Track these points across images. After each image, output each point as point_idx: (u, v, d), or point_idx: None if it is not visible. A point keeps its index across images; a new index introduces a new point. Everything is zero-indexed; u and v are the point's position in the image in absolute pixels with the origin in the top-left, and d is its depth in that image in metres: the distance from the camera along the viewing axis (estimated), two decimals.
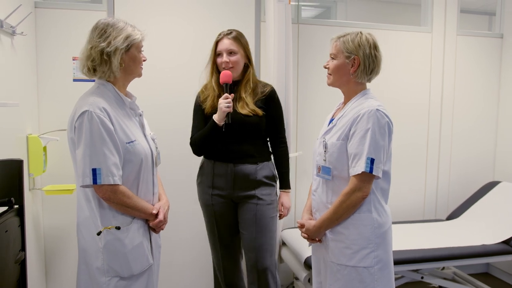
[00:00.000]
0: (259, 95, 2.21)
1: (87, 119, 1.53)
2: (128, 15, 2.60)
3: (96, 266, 1.61)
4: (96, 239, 1.61)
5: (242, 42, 2.21)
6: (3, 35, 2.10)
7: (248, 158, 2.20)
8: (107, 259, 1.61)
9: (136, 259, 1.65)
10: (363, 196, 1.65)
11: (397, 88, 3.37)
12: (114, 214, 1.62)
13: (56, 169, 2.71)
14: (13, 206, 1.87)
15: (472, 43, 3.53)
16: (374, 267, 1.68)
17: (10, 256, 1.82)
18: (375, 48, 1.73)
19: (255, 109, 2.16)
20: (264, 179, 2.22)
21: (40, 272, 2.70)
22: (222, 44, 2.18)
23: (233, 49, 2.17)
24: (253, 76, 2.25)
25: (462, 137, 3.57)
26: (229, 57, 2.16)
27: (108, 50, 1.58)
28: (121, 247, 1.61)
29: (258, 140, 2.24)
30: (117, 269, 1.61)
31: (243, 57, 2.21)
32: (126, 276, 1.63)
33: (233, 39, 2.18)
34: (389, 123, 1.67)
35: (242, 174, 2.19)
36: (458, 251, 2.70)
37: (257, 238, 2.21)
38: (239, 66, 2.19)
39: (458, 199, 3.56)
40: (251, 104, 2.17)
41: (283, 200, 2.31)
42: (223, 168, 2.21)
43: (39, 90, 2.69)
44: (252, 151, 2.21)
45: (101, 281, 1.61)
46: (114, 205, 1.61)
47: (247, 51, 2.23)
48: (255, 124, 2.18)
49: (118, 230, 1.61)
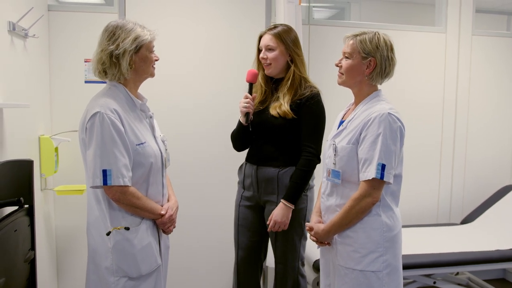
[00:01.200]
0: (297, 97, 2.07)
1: (98, 121, 1.55)
2: (139, 16, 2.62)
3: (105, 266, 1.63)
4: (106, 239, 1.62)
5: (285, 38, 2.08)
6: (16, 38, 2.14)
7: (271, 161, 2.12)
8: (116, 259, 1.62)
9: (145, 260, 1.66)
10: (373, 202, 1.61)
11: (411, 88, 3.32)
12: (124, 215, 1.64)
13: (67, 169, 2.75)
14: (23, 206, 1.90)
15: (488, 43, 3.46)
16: (382, 272, 1.64)
17: (19, 255, 1.84)
18: (392, 51, 1.68)
19: (286, 111, 2.03)
20: (285, 184, 2.09)
21: (51, 271, 2.74)
22: (263, 40, 2.11)
23: (272, 45, 2.07)
24: (298, 75, 2.10)
25: (477, 139, 3.50)
26: (267, 53, 2.08)
27: (117, 53, 1.60)
28: (130, 247, 1.62)
29: (284, 143, 2.10)
30: (125, 269, 1.63)
31: (284, 55, 2.09)
32: (135, 276, 1.64)
33: (273, 35, 2.08)
34: (401, 128, 1.63)
35: (264, 177, 2.13)
36: (472, 256, 2.64)
37: (278, 246, 2.16)
38: (277, 63, 2.09)
39: (473, 202, 3.48)
40: (284, 106, 2.04)
41: (275, 212, 2.04)
42: (250, 169, 2.18)
43: (52, 91, 2.73)
44: (276, 154, 2.11)
45: (109, 281, 1.62)
46: (124, 206, 1.62)
47: (290, 49, 2.09)
48: (279, 126, 2.07)
49: (127, 231, 1.63)
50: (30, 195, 1.95)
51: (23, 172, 1.93)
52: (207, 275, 3.01)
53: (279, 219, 2.04)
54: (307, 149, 2.06)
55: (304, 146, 2.07)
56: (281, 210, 2.04)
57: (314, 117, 2.08)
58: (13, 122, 2.08)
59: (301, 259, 2.23)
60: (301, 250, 2.20)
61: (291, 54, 2.10)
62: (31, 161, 1.97)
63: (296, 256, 2.19)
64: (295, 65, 2.10)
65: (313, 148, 2.06)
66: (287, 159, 2.10)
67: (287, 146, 2.11)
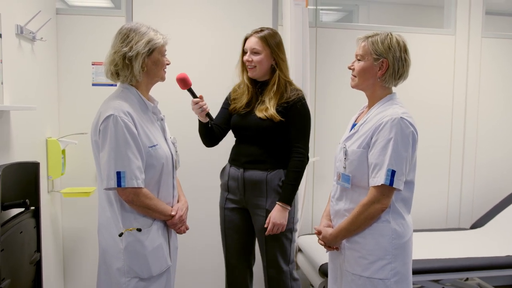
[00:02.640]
0: (283, 100, 2.09)
1: (112, 123, 1.56)
2: (147, 20, 2.60)
3: (117, 267, 1.64)
4: (117, 241, 1.64)
5: (270, 42, 2.09)
6: (23, 41, 2.15)
7: (258, 163, 2.13)
8: (128, 260, 1.64)
9: (156, 261, 1.68)
10: (382, 208, 1.58)
11: (420, 91, 3.29)
12: (136, 216, 1.65)
13: (74, 172, 2.76)
14: (29, 208, 1.91)
15: (498, 45, 3.42)
16: (390, 280, 1.60)
17: (25, 256, 1.85)
18: (405, 52, 1.64)
19: (272, 114, 2.06)
20: (273, 186, 2.11)
21: (58, 273, 2.75)
22: (249, 42, 2.12)
23: (257, 49, 2.08)
24: (283, 79, 2.12)
25: (487, 142, 3.45)
26: (252, 56, 2.10)
27: (130, 55, 1.62)
28: (142, 248, 1.64)
29: (272, 146, 2.13)
30: (137, 270, 1.64)
31: (268, 59, 2.10)
32: (146, 277, 1.66)
33: (260, 38, 2.09)
34: (414, 133, 1.58)
35: (251, 180, 2.13)
36: (482, 261, 2.59)
37: (268, 249, 2.17)
38: (262, 66, 2.10)
39: (483, 207, 3.43)
40: (271, 109, 2.07)
41: (272, 214, 2.06)
42: (235, 172, 2.18)
43: (59, 94, 2.75)
44: (264, 157, 2.12)
45: (121, 282, 1.64)
46: (136, 207, 1.64)
47: (275, 53, 2.10)
48: (267, 128, 2.08)
49: (139, 232, 1.64)
50: (36, 197, 1.96)
51: (29, 174, 1.94)
52: (212, 278, 3.01)
53: (278, 220, 2.05)
54: (298, 150, 2.10)
55: (294, 147, 2.10)
56: (278, 212, 2.06)
57: (303, 119, 2.12)
58: (20, 124, 2.09)
59: (292, 262, 2.23)
60: (291, 254, 2.22)
61: (276, 58, 2.12)
62: (37, 163, 1.98)
63: (287, 259, 2.20)
64: (280, 69, 2.13)
65: (303, 149, 2.11)
66: (275, 162, 2.13)
67: (275, 148, 2.14)
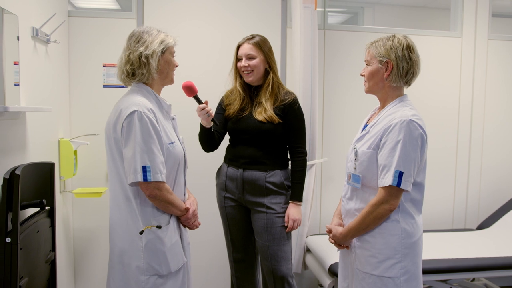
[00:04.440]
0: (279, 102, 2.19)
1: (137, 119, 1.59)
2: (157, 22, 2.67)
3: (136, 265, 1.66)
4: (136, 239, 1.66)
5: (263, 47, 2.20)
6: (38, 43, 2.19)
7: (258, 164, 2.21)
8: (148, 257, 1.66)
9: (174, 257, 1.71)
10: (390, 208, 1.61)
11: (427, 93, 3.31)
12: (154, 213, 1.69)
13: (85, 172, 2.79)
14: (45, 208, 1.94)
15: (504, 47, 3.44)
16: (400, 278, 1.63)
17: (41, 256, 1.88)
18: (409, 49, 1.68)
19: (272, 116, 2.15)
20: (273, 186, 2.20)
21: (69, 272, 2.78)
22: (242, 49, 2.21)
23: (253, 54, 2.18)
24: (276, 82, 2.23)
25: (493, 143, 3.47)
26: (248, 61, 2.18)
27: (146, 53, 1.67)
28: (161, 245, 1.67)
29: (271, 147, 2.22)
30: (156, 267, 1.67)
31: (263, 63, 2.20)
32: (165, 273, 1.69)
33: (253, 44, 2.19)
34: (423, 135, 1.61)
35: (250, 180, 2.21)
36: (489, 261, 2.61)
37: (270, 246, 2.21)
38: (259, 70, 2.20)
39: (490, 207, 3.45)
40: (269, 111, 2.16)
41: (290, 212, 2.21)
42: (234, 172, 2.25)
43: (71, 95, 2.79)
44: (263, 158, 2.21)
45: (140, 280, 1.66)
46: (158, 202, 1.66)
47: (268, 57, 2.21)
48: (268, 131, 2.17)
49: (159, 229, 1.67)
50: (52, 197, 1.99)
51: (45, 174, 1.97)
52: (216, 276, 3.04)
53: (296, 216, 2.21)
54: (300, 149, 2.25)
55: (296, 147, 2.25)
56: (294, 209, 2.22)
57: (300, 120, 2.26)
58: (34, 125, 2.12)
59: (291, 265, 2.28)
60: (290, 251, 2.29)
61: (269, 62, 2.22)
62: (52, 164, 2.01)
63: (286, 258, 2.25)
64: (273, 72, 2.23)
65: (304, 148, 2.27)
66: (273, 163, 2.23)
67: (272, 149, 2.23)
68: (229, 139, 2.35)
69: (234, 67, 2.28)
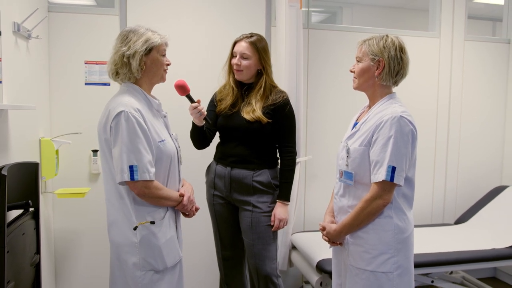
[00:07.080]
0: (270, 102, 2.18)
1: (124, 119, 1.60)
2: (141, 19, 2.62)
3: (133, 262, 1.68)
4: (131, 235, 1.67)
5: (259, 48, 2.19)
6: (20, 39, 2.11)
7: (246, 163, 2.21)
8: (143, 253, 1.67)
9: (169, 252, 1.73)
10: (384, 203, 1.64)
11: (405, 93, 3.31)
12: (148, 210, 1.70)
13: (67, 172, 2.72)
14: (29, 209, 1.88)
15: (480, 48, 3.55)
16: (393, 273, 1.66)
17: (26, 258, 1.82)
18: (401, 50, 1.72)
19: (260, 116, 2.14)
20: (260, 185, 2.20)
21: (50, 274, 2.70)
22: (238, 46, 2.20)
23: (247, 54, 2.17)
24: (268, 84, 2.21)
25: (470, 142, 3.58)
26: (241, 61, 2.18)
27: (128, 53, 1.68)
28: (156, 241, 1.69)
29: (260, 146, 2.21)
30: (152, 262, 1.69)
31: (256, 64, 2.19)
32: (161, 269, 1.70)
33: (250, 43, 2.17)
34: (413, 131, 1.66)
35: (237, 179, 2.21)
36: (469, 254, 2.70)
37: (255, 244, 2.22)
38: (249, 71, 2.19)
39: (466, 203, 3.57)
40: (258, 111, 2.15)
41: (276, 211, 2.21)
42: (222, 170, 2.25)
43: (51, 93, 2.70)
44: (252, 157, 2.20)
45: (136, 275, 1.68)
46: (148, 199, 1.68)
47: (263, 59, 2.20)
48: (256, 130, 2.16)
49: (152, 225, 1.68)
50: (36, 198, 1.93)
51: (29, 175, 1.91)
52: (206, 274, 3.02)
53: (282, 216, 2.21)
54: (289, 149, 2.25)
55: (285, 147, 2.24)
56: (280, 209, 2.22)
57: (290, 120, 2.25)
58: (16, 124, 2.05)
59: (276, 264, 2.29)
60: (276, 255, 2.29)
61: (263, 63, 2.21)
62: (37, 164, 1.95)
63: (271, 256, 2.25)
64: (266, 74, 2.22)
65: (293, 148, 2.27)
66: (262, 162, 2.22)
67: (261, 149, 2.23)
68: (219, 136, 2.34)
69: (228, 63, 2.26)
